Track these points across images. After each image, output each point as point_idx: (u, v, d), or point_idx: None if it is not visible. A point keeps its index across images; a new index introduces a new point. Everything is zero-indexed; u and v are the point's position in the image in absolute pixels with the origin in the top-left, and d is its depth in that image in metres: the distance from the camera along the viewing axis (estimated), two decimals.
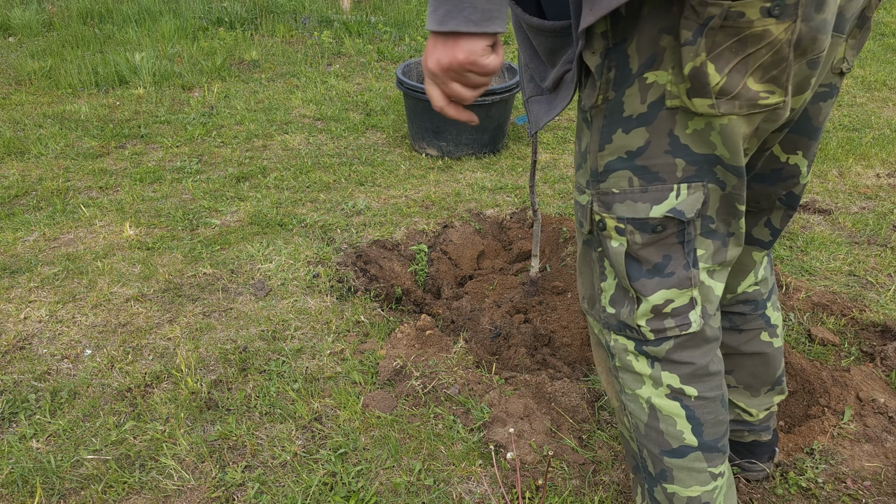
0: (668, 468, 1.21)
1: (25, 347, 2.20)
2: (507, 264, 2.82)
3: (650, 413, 1.19)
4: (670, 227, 1.06)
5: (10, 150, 3.66)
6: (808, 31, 0.92)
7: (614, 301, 1.17)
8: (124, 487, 1.70)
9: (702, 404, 1.16)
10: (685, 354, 1.14)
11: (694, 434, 1.17)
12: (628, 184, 1.07)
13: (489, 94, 3.50)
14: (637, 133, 1.04)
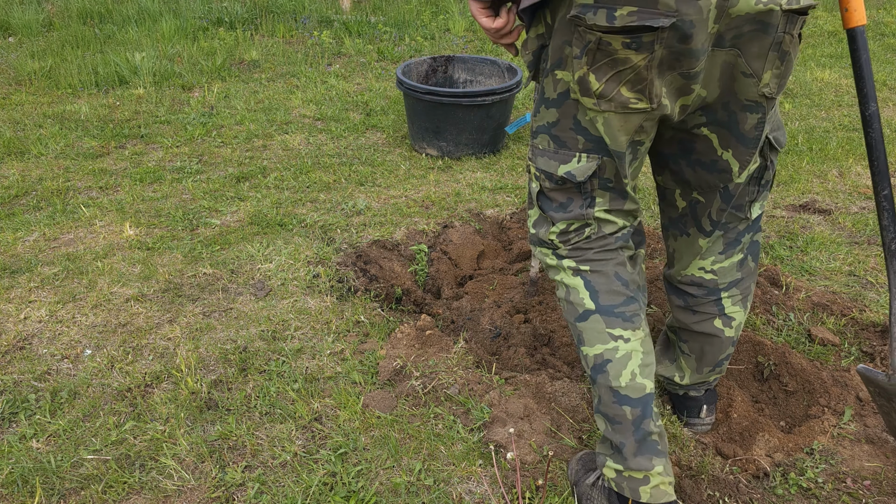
0: (580, 332, 1.53)
1: (25, 347, 2.20)
2: (507, 264, 2.82)
3: (565, 290, 1.54)
4: (568, 183, 1.44)
5: (10, 150, 3.66)
6: (671, 55, 1.23)
7: (536, 223, 1.56)
8: (124, 487, 1.70)
9: (595, 276, 1.51)
10: (579, 252, 1.52)
11: (591, 300, 1.50)
12: (547, 144, 1.45)
13: (489, 93, 3.51)
14: (552, 111, 1.41)
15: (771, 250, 2.75)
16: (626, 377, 1.47)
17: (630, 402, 1.48)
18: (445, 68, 4.09)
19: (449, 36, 6.24)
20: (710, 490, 1.69)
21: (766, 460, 1.78)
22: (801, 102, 4.51)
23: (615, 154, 1.39)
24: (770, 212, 3.08)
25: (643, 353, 1.49)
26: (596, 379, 1.51)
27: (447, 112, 3.52)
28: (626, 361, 1.48)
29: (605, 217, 1.49)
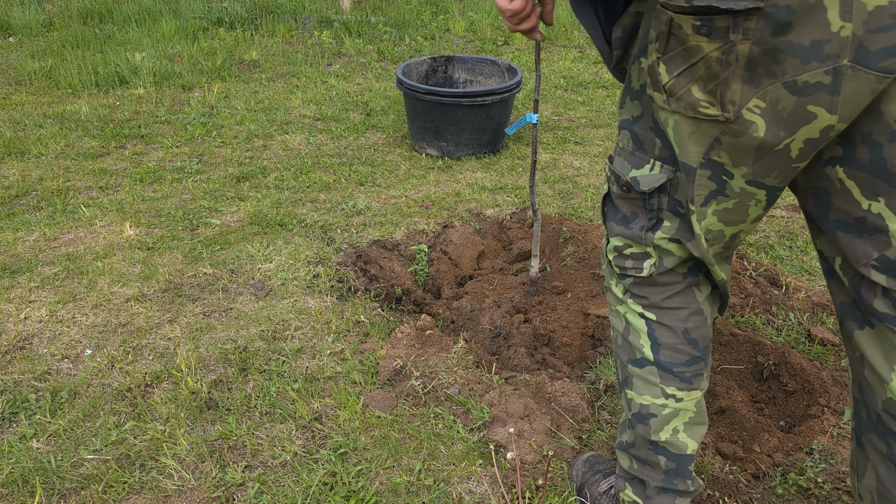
0: (630, 375, 1.38)
1: (26, 347, 2.20)
2: (507, 264, 2.82)
3: (625, 326, 1.38)
4: (633, 192, 1.24)
5: (10, 150, 3.66)
6: (765, 54, 0.94)
7: (607, 237, 1.38)
8: (124, 487, 1.71)
9: (660, 328, 1.32)
10: (644, 290, 1.32)
11: (651, 351, 1.33)
12: (627, 143, 1.24)
13: (489, 94, 3.51)
14: (635, 104, 1.21)
15: (771, 250, 2.75)
16: (668, 433, 1.36)
17: (666, 454, 1.37)
18: (445, 68, 4.09)
19: (449, 36, 6.24)
20: (710, 490, 1.69)
21: (766, 460, 1.78)
22: None
23: (685, 169, 1.13)
24: (770, 211, 3.08)
25: (694, 413, 1.36)
26: (634, 425, 1.39)
27: (447, 112, 3.52)
28: (672, 418, 1.35)
29: (666, 246, 1.24)
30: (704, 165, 1.10)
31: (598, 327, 2.25)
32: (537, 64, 2.16)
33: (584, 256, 2.64)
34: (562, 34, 6.30)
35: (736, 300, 2.38)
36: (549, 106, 4.55)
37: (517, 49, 5.86)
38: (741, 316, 2.31)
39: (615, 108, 4.49)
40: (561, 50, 5.93)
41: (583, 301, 2.38)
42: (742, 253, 2.72)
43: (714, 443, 1.84)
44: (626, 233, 1.28)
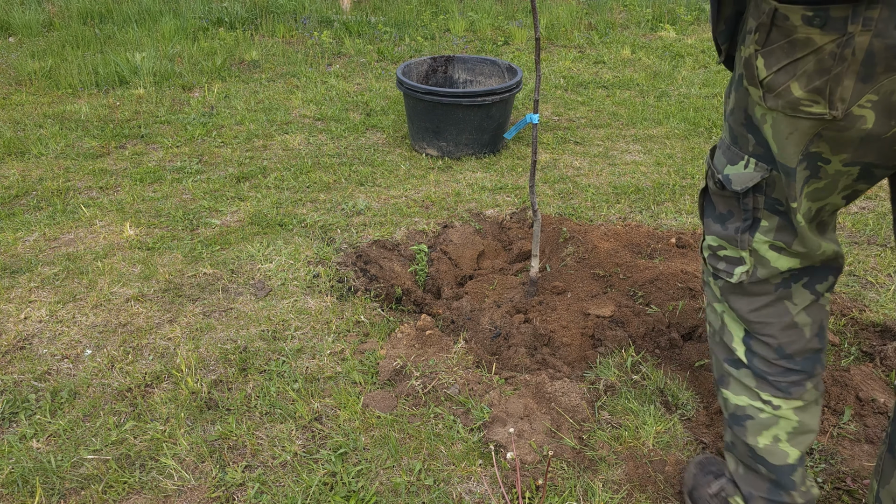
0: (727, 374, 1.32)
1: (26, 347, 2.20)
2: (507, 264, 2.83)
3: (721, 325, 1.32)
4: (727, 189, 1.15)
5: (10, 150, 3.66)
6: (885, 48, 0.87)
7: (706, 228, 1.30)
8: (124, 487, 1.71)
9: (752, 339, 1.26)
10: (733, 298, 1.26)
11: (746, 356, 1.28)
12: (726, 135, 1.17)
13: (489, 94, 3.51)
14: (733, 96, 1.13)
15: None
16: (767, 439, 1.28)
17: (766, 465, 1.30)
18: (445, 68, 4.09)
19: (449, 36, 6.24)
20: None
21: None
22: None
23: (783, 169, 1.06)
24: None
25: (797, 422, 1.26)
26: (731, 426, 1.34)
27: (447, 112, 3.52)
28: (771, 425, 1.27)
29: (764, 254, 1.16)
30: (802, 160, 1.04)
31: (597, 327, 2.25)
32: (537, 64, 2.16)
33: (584, 256, 2.64)
34: (562, 34, 6.30)
35: None
36: (549, 106, 4.55)
37: (517, 49, 5.86)
38: None
39: (615, 108, 4.49)
40: (561, 50, 5.93)
41: (583, 301, 2.38)
42: None
43: (714, 443, 1.84)
44: (721, 233, 1.20)
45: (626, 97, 4.73)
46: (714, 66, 5.37)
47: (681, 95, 4.71)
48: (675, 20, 6.73)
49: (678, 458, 1.77)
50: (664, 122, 4.22)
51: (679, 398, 1.98)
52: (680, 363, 2.13)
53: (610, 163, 3.64)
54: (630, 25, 6.69)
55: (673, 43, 6.02)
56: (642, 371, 2.07)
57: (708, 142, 3.90)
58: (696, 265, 2.52)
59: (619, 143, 3.93)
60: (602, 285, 2.49)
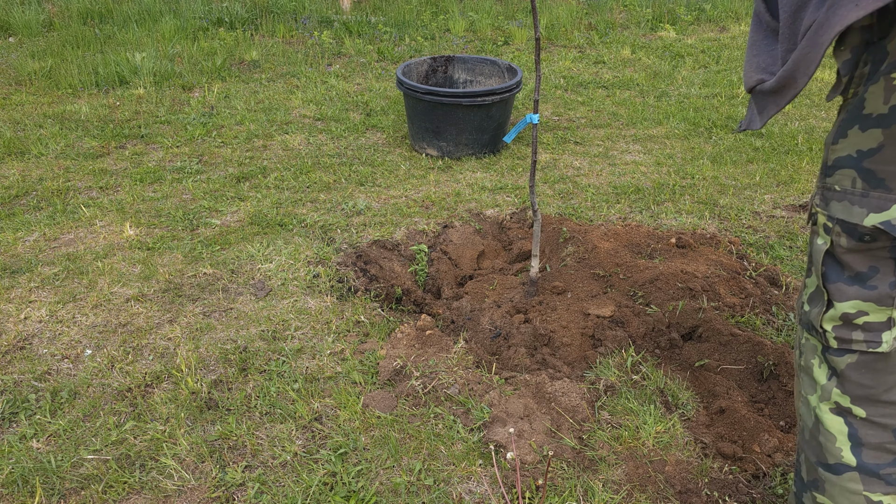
0: (822, 480, 1.18)
1: (26, 347, 2.20)
2: (507, 264, 2.83)
3: (815, 422, 1.16)
4: (881, 240, 0.99)
5: (10, 150, 3.66)
6: None
7: (812, 299, 1.12)
8: (124, 487, 1.71)
9: (867, 426, 1.10)
10: (865, 376, 1.07)
11: (853, 453, 1.12)
12: (851, 184, 1.01)
13: (489, 94, 3.51)
14: (872, 134, 0.98)
15: (771, 250, 2.75)
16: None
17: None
18: (445, 68, 4.09)
19: (449, 36, 6.24)
20: (709, 490, 1.69)
21: (766, 460, 1.78)
22: (801, 102, 4.51)
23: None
24: (770, 212, 3.08)
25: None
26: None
27: (447, 112, 3.52)
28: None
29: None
30: None
31: (597, 327, 2.25)
32: (537, 64, 2.16)
33: (584, 256, 2.64)
34: (562, 34, 6.30)
35: (736, 300, 2.38)
36: (549, 106, 4.55)
37: (517, 49, 5.86)
38: (741, 316, 2.31)
39: (615, 108, 4.49)
40: (561, 50, 5.93)
41: (583, 301, 2.38)
42: (742, 253, 2.72)
43: (714, 443, 1.84)
44: (864, 294, 1.02)
45: (626, 97, 4.73)
46: (714, 66, 5.37)
47: (681, 95, 4.71)
48: (675, 20, 6.73)
49: (678, 458, 1.77)
50: (664, 122, 4.22)
51: (679, 398, 1.98)
52: (680, 363, 2.13)
53: (610, 163, 3.64)
54: (630, 25, 6.69)
55: (673, 43, 6.02)
56: (642, 371, 2.07)
57: (708, 142, 3.90)
58: (695, 265, 2.52)
59: (619, 143, 3.93)
60: (602, 285, 2.49)
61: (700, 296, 2.36)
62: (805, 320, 1.14)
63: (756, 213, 3.06)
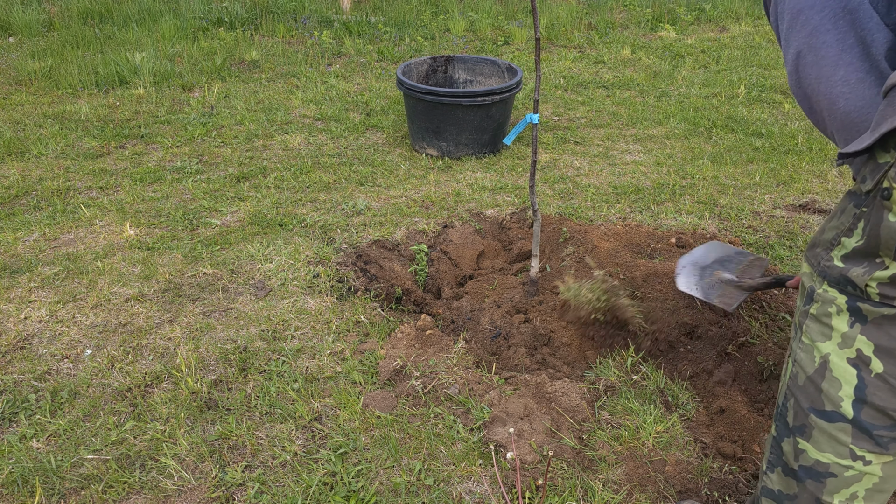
0: (810, 425, 1.19)
1: (26, 347, 2.20)
2: (507, 264, 2.83)
3: (819, 368, 1.16)
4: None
5: (10, 150, 3.66)
6: None
7: (849, 259, 1.10)
8: (124, 487, 1.71)
9: (878, 385, 1.10)
10: (890, 330, 1.07)
11: (853, 407, 1.13)
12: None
13: (489, 94, 3.51)
14: None
15: (771, 250, 2.75)
16: (844, 496, 1.19)
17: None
18: (445, 68, 4.09)
19: (449, 36, 6.24)
20: (709, 490, 1.69)
21: None
22: None
23: None
24: (770, 212, 3.08)
25: (879, 478, 1.18)
26: (802, 479, 1.23)
27: (447, 112, 3.52)
28: (853, 482, 1.18)
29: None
30: None
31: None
32: (537, 64, 2.16)
33: (584, 256, 2.64)
34: (562, 34, 6.30)
35: None
36: (549, 106, 4.55)
37: (517, 49, 5.86)
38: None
39: (615, 108, 4.49)
40: (561, 50, 5.93)
41: None
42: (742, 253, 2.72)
43: (714, 443, 1.84)
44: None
45: (626, 97, 4.73)
46: (714, 66, 5.37)
47: (681, 95, 4.71)
48: (675, 20, 6.73)
49: (678, 458, 1.77)
50: (664, 122, 4.22)
51: (679, 398, 1.98)
52: (680, 363, 2.13)
53: (610, 163, 3.64)
54: (630, 25, 6.69)
55: (673, 43, 6.02)
56: (642, 371, 2.07)
57: (708, 142, 3.90)
58: None
59: (619, 143, 3.93)
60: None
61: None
62: (833, 275, 1.11)
63: (756, 213, 3.06)
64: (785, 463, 1.26)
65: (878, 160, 1.04)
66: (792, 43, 1.11)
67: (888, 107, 0.98)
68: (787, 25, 1.12)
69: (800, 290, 1.23)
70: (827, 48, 1.07)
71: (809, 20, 1.07)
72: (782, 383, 1.28)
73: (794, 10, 1.10)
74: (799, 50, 1.10)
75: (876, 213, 1.05)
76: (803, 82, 1.11)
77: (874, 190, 1.06)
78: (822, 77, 1.08)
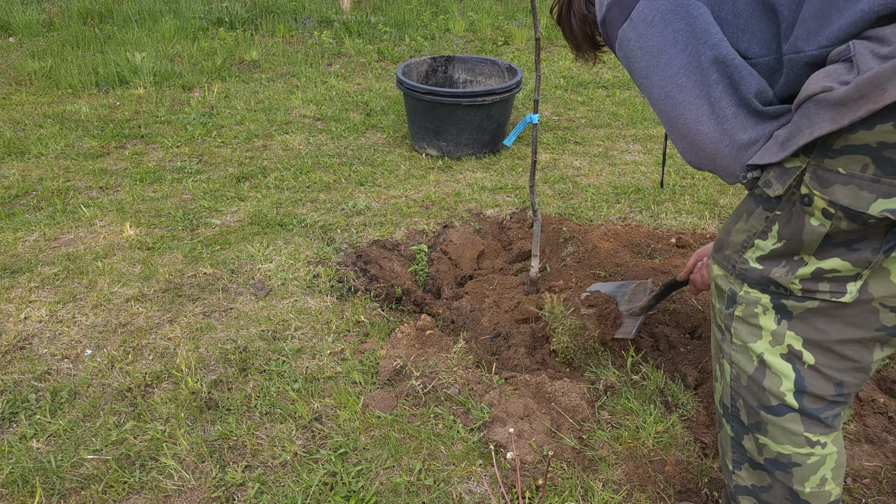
0: (763, 421, 1.22)
1: (26, 347, 2.20)
2: (507, 264, 2.83)
3: (758, 367, 1.20)
4: (882, 222, 1.00)
5: (10, 150, 3.66)
6: None
7: (766, 260, 1.14)
8: (124, 487, 1.71)
9: (814, 375, 1.15)
10: (822, 321, 1.11)
11: (795, 398, 1.17)
12: (861, 169, 0.98)
13: (489, 94, 3.51)
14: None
15: None
16: (814, 482, 1.22)
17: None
18: (445, 68, 4.09)
19: (449, 36, 6.24)
20: (709, 490, 1.69)
21: None
22: None
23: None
24: None
25: (837, 452, 1.22)
26: (771, 471, 1.26)
27: (447, 112, 3.52)
28: (819, 467, 1.22)
29: (888, 265, 1.06)
30: None
31: None
32: (537, 64, 2.16)
33: (583, 256, 2.64)
34: (562, 34, 6.30)
35: None
36: (549, 106, 4.55)
37: (517, 49, 5.86)
38: None
39: (615, 108, 4.49)
40: (561, 50, 5.93)
41: None
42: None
43: (714, 443, 1.84)
44: (845, 256, 1.06)
45: (626, 97, 4.73)
46: None
47: None
48: None
49: (678, 458, 1.77)
50: None
51: (679, 398, 1.98)
52: (680, 363, 2.13)
53: (610, 163, 3.64)
54: None
55: None
56: (642, 371, 2.07)
57: None
58: None
59: (619, 143, 3.93)
60: None
61: (700, 295, 2.36)
62: (752, 276, 1.16)
63: None
64: (751, 458, 1.29)
65: (784, 165, 1.08)
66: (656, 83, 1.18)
67: (803, 118, 1.01)
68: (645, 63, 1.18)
69: (716, 293, 1.28)
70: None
71: (672, 60, 1.14)
72: (722, 385, 1.31)
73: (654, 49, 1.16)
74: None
75: (796, 218, 1.09)
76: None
77: (786, 194, 1.09)
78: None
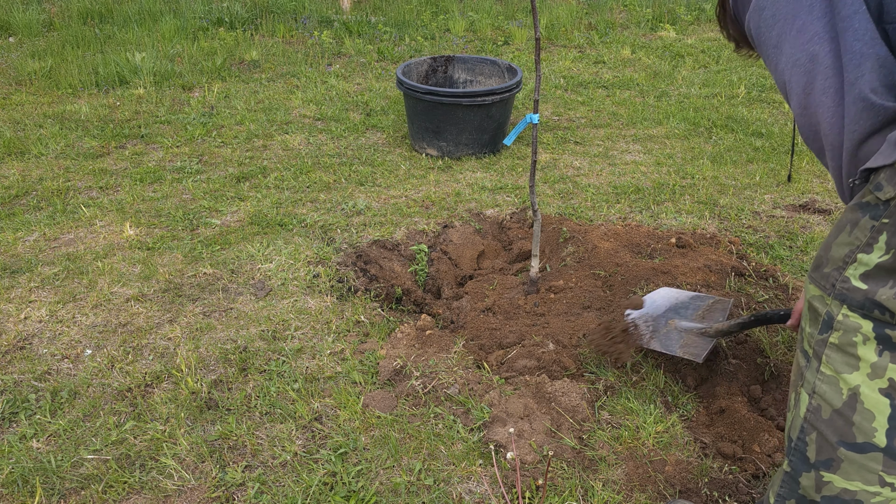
0: (839, 459, 1.13)
1: (26, 347, 2.20)
2: (507, 264, 2.83)
3: (847, 401, 1.09)
4: None
5: (10, 150, 3.66)
6: None
7: (870, 277, 1.02)
8: (124, 487, 1.71)
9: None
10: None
11: (886, 436, 1.07)
12: None
13: (489, 94, 3.51)
14: None
15: (771, 250, 2.75)
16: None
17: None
18: (445, 68, 4.09)
19: (449, 36, 6.24)
20: (709, 490, 1.69)
21: (766, 460, 1.78)
22: None
23: None
24: (770, 212, 3.08)
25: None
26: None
27: (447, 112, 3.52)
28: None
29: None
30: None
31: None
32: (537, 64, 2.16)
33: (583, 256, 2.64)
34: (562, 34, 6.30)
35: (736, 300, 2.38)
36: (549, 106, 4.55)
37: (517, 49, 5.86)
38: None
39: (615, 108, 4.49)
40: (561, 50, 5.93)
41: (582, 301, 2.38)
42: (742, 253, 2.72)
43: (714, 443, 1.84)
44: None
45: (626, 97, 4.73)
46: (714, 66, 5.37)
47: (681, 95, 4.71)
48: (675, 20, 6.73)
49: (678, 458, 1.77)
50: (664, 122, 4.22)
51: (679, 398, 1.98)
52: (680, 363, 2.13)
53: (610, 163, 3.64)
54: (630, 25, 6.69)
55: (673, 43, 6.02)
56: (642, 371, 2.07)
57: (708, 142, 3.90)
58: (695, 263, 2.52)
59: (619, 143, 3.93)
60: (602, 285, 2.49)
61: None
62: (854, 298, 1.05)
63: (756, 212, 3.06)
64: (802, 496, 1.21)
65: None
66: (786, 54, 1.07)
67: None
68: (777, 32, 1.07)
69: (808, 315, 1.16)
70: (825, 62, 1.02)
71: (807, 26, 1.02)
72: (794, 416, 1.20)
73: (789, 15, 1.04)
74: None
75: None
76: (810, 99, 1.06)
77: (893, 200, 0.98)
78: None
